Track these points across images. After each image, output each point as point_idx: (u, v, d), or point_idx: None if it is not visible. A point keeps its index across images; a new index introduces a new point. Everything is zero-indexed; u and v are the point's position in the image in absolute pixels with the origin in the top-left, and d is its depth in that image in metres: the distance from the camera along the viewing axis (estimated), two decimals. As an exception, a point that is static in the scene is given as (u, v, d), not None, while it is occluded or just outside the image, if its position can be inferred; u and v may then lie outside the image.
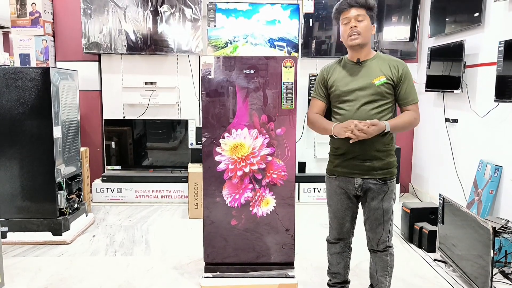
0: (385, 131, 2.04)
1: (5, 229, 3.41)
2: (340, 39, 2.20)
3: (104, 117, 4.82)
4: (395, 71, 2.09)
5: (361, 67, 2.13)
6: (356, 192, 2.18)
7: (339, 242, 2.33)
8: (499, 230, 2.83)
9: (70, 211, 3.63)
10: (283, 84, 2.56)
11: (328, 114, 2.26)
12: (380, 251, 2.21)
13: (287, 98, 2.57)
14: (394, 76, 2.09)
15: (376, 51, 2.20)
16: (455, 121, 3.98)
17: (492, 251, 2.43)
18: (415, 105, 2.14)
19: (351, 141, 2.03)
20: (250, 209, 2.66)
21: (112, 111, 4.85)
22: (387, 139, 2.11)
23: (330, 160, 2.26)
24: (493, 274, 2.49)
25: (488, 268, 2.46)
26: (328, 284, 2.44)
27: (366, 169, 2.12)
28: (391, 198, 2.17)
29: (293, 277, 2.69)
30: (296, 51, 4.70)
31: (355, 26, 2.06)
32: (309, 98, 4.71)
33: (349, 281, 2.44)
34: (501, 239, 2.79)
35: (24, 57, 4.53)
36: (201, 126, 3.17)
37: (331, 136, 2.21)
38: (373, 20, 2.12)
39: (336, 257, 2.35)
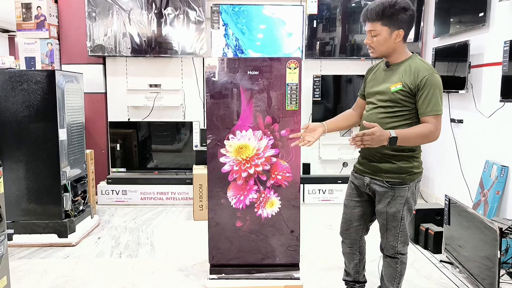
0: (390, 136, 1.90)
1: (11, 231, 3.42)
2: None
3: (109, 120, 4.84)
4: (415, 78, 1.96)
5: (388, 71, 2.10)
6: (365, 190, 2.19)
7: (346, 242, 2.33)
8: (506, 231, 2.81)
9: (76, 213, 3.65)
10: (287, 85, 2.56)
11: None
12: (389, 256, 2.19)
13: (292, 99, 2.57)
14: (412, 83, 1.96)
15: (413, 53, 2.09)
16: (460, 121, 3.96)
17: (499, 252, 2.41)
18: (433, 117, 1.95)
19: (355, 148, 1.99)
20: (255, 210, 2.66)
21: (117, 113, 4.87)
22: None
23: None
24: (500, 275, 2.47)
25: (495, 269, 2.44)
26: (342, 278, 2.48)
27: (374, 169, 2.12)
28: (401, 204, 2.08)
29: (298, 278, 2.68)
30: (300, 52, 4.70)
31: (370, 42, 2.05)
32: (314, 99, 4.70)
33: (364, 282, 2.41)
34: (508, 240, 2.78)
35: (30, 60, 4.56)
36: (205, 128, 3.18)
37: None
38: (398, 26, 1.98)
39: (346, 256, 2.37)
